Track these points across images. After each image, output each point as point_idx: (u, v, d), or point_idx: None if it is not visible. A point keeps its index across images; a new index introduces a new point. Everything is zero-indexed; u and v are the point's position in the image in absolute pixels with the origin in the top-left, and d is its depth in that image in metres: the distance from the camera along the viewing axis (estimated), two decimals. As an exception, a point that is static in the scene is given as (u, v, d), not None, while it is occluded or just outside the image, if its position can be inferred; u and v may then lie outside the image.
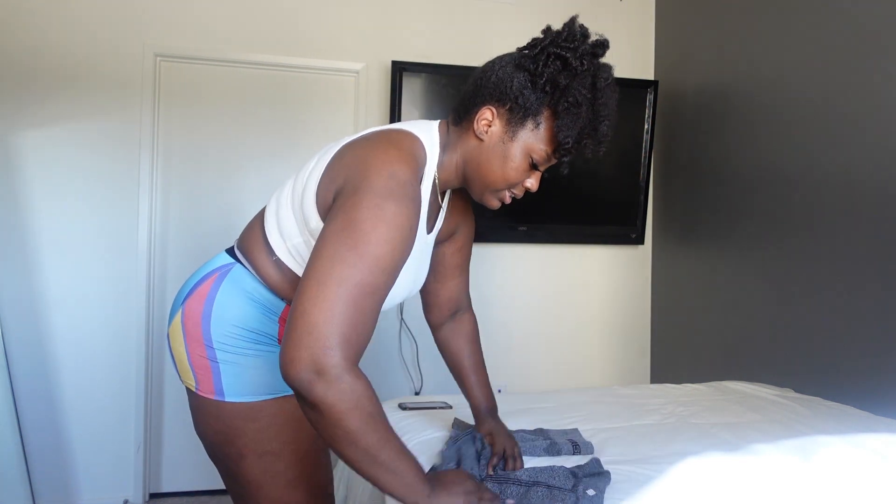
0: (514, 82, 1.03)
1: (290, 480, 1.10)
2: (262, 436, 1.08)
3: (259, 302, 1.11)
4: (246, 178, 2.88)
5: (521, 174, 1.07)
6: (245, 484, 1.11)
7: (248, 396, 1.08)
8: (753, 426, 1.65)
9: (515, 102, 1.03)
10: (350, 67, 2.93)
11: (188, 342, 1.11)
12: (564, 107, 1.01)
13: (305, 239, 1.07)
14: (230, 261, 1.15)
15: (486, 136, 1.07)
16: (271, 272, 1.11)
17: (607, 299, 3.28)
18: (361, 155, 1.00)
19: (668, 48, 3.22)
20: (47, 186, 2.63)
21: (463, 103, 1.10)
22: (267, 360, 1.10)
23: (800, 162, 2.33)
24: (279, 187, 1.16)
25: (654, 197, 3.26)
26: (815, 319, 2.25)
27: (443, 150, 1.12)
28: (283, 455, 1.09)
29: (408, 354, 2.99)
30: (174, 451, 2.81)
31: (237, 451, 1.09)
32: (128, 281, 2.70)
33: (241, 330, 1.09)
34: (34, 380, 2.59)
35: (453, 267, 1.35)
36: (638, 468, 1.28)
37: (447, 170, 1.12)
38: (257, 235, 1.14)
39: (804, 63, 2.33)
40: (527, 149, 1.05)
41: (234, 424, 1.08)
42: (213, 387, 1.09)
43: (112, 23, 2.68)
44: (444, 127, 1.14)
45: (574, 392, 2.04)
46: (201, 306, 1.11)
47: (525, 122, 1.04)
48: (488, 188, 1.10)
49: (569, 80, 1.01)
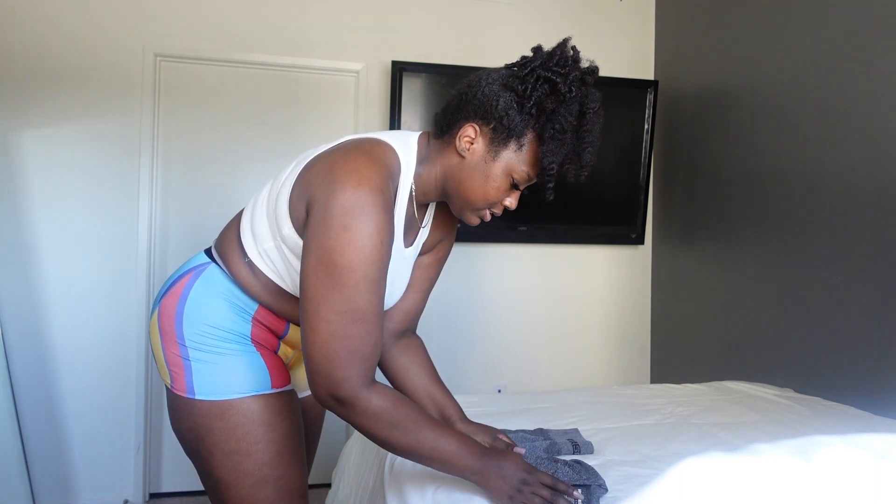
0: (500, 101, 1.02)
1: (258, 480, 1.10)
2: (230, 434, 1.09)
3: (232, 302, 1.13)
4: (246, 178, 2.88)
5: (502, 193, 1.08)
6: (215, 482, 1.11)
7: (217, 395, 1.09)
8: (753, 426, 1.64)
9: (500, 122, 1.02)
10: (350, 67, 2.93)
11: (164, 340, 1.13)
12: (550, 133, 1.00)
13: (277, 244, 1.08)
14: (206, 260, 1.17)
15: (467, 154, 1.06)
16: (244, 273, 1.12)
17: (607, 299, 3.28)
18: (328, 165, 1.00)
19: (668, 48, 3.22)
20: (47, 186, 2.63)
21: (445, 116, 1.09)
22: (238, 360, 1.11)
23: (800, 162, 2.33)
24: (258, 190, 1.17)
25: (654, 197, 3.26)
26: (815, 319, 2.25)
27: (420, 162, 1.11)
28: (251, 454, 1.09)
29: (408, 354, 2.99)
30: (174, 451, 2.80)
31: (207, 449, 1.10)
32: (128, 281, 2.70)
33: (212, 329, 1.11)
34: (34, 380, 2.60)
35: (421, 279, 1.30)
36: (638, 468, 1.28)
37: (426, 182, 1.11)
38: (233, 236, 1.15)
39: (804, 63, 2.33)
40: (508, 169, 1.05)
41: (204, 423, 1.09)
42: (185, 384, 1.10)
43: (112, 23, 2.68)
44: (425, 139, 1.13)
45: (574, 392, 2.04)
46: (175, 305, 1.12)
47: (508, 142, 1.03)
48: (467, 206, 1.10)
49: (556, 106, 1.00)
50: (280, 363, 1.17)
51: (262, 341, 1.16)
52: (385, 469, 1.32)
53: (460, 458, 0.99)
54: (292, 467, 1.14)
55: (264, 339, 1.17)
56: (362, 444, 1.64)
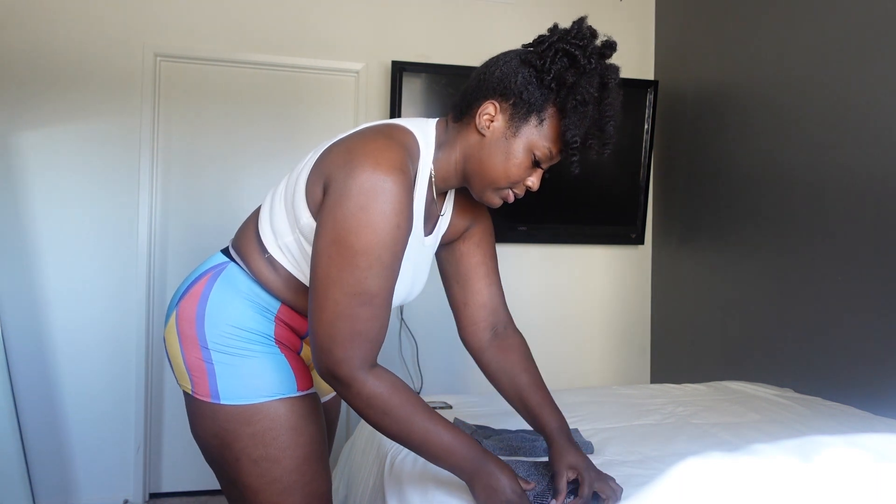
0: (519, 77, 1.01)
1: (286, 487, 1.07)
2: (257, 440, 1.05)
3: (254, 301, 1.09)
4: (246, 177, 2.88)
5: (524, 171, 1.05)
6: (242, 489, 1.08)
7: (243, 399, 1.05)
8: (753, 426, 1.64)
9: (519, 97, 1.01)
10: (350, 67, 2.93)
11: (183, 344, 1.09)
12: (572, 105, 0.98)
13: (296, 237, 1.05)
14: (224, 260, 1.14)
15: (487, 132, 1.04)
16: (265, 270, 1.09)
17: (607, 299, 3.28)
18: (347, 147, 1.00)
19: (668, 48, 3.22)
20: (47, 186, 2.63)
21: (464, 98, 1.07)
22: (263, 361, 1.07)
23: (800, 161, 2.33)
24: (274, 185, 1.15)
25: (654, 197, 3.26)
26: (816, 319, 2.25)
27: (439, 146, 1.08)
28: (279, 461, 1.06)
29: (408, 354, 2.99)
30: (174, 451, 2.81)
31: (233, 455, 1.06)
32: (128, 281, 2.70)
33: (236, 330, 1.07)
34: (34, 380, 2.59)
35: (474, 266, 1.25)
36: (638, 468, 1.28)
37: (445, 167, 1.09)
38: (251, 234, 1.13)
39: (804, 63, 2.33)
40: (530, 145, 1.03)
41: (230, 428, 1.05)
42: (208, 389, 1.06)
43: (112, 23, 2.68)
44: (443, 124, 1.11)
45: (574, 392, 2.04)
46: (195, 307, 1.09)
47: (529, 117, 1.01)
48: (489, 185, 1.06)
49: (576, 78, 0.98)
50: (303, 365, 1.14)
51: (285, 342, 1.13)
52: (385, 469, 1.31)
53: (451, 454, 0.99)
54: (319, 473, 1.11)
55: (287, 340, 1.13)
56: (362, 445, 1.64)
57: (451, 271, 1.27)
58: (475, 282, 1.26)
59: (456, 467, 1.00)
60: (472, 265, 1.25)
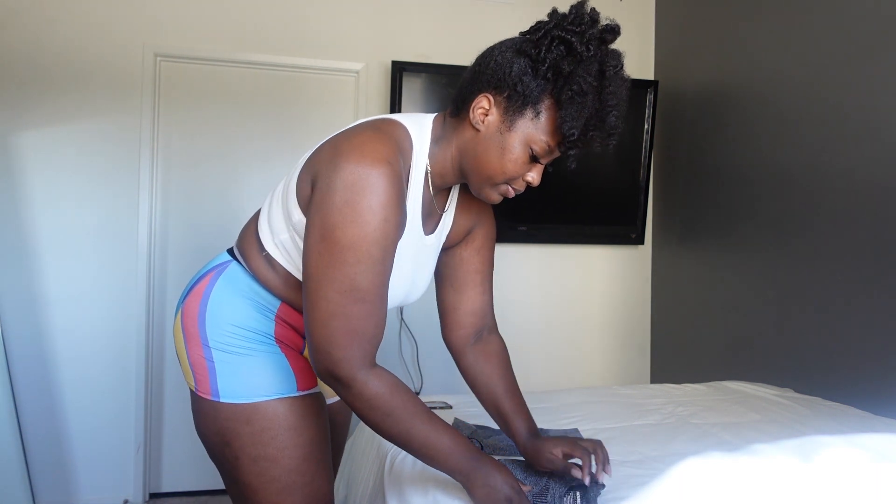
0: (514, 68, 0.96)
1: (285, 487, 1.06)
2: (256, 439, 1.05)
3: (254, 300, 1.09)
4: (246, 178, 2.88)
5: (521, 167, 1.00)
6: (241, 487, 1.08)
7: (243, 398, 1.05)
8: (753, 426, 1.64)
9: (514, 89, 0.96)
10: (350, 67, 2.93)
11: (187, 342, 1.09)
12: (568, 96, 0.93)
13: (290, 235, 1.05)
14: (228, 259, 1.14)
15: (482, 126, 1.00)
16: (263, 268, 1.09)
17: (607, 299, 3.28)
18: (334, 142, 0.99)
19: (668, 48, 3.22)
20: (47, 186, 2.62)
21: (460, 93, 1.03)
22: (262, 360, 1.07)
23: (800, 162, 2.33)
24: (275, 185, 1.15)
25: (654, 197, 3.26)
26: (815, 319, 2.25)
27: (436, 141, 1.05)
28: (278, 460, 1.05)
29: (408, 354, 2.99)
30: (174, 451, 2.80)
31: (233, 454, 1.06)
32: (128, 281, 2.70)
33: (236, 328, 1.07)
34: (34, 380, 2.59)
35: (472, 272, 1.24)
36: (637, 468, 1.28)
37: (441, 163, 1.06)
38: (251, 232, 1.13)
39: (804, 63, 2.33)
40: (526, 139, 0.98)
41: (230, 426, 1.05)
42: (209, 387, 1.06)
43: (112, 23, 2.68)
44: (441, 119, 1.08)
45: (574, 392, 2.04)
46: (197, 305, 1.09)
47: (524, 110, 0.97)
48: (486, 182, 1.03)
49: (573, 67, 0.93)
50: (306, 364, 1.13)
51: (286, 340, 1.12)
52: (385, 469, 1.31)
53: (450, 457, 0.98)
54: (319, 473, 1.10)
55: (289, 339, 1.13)
56: (362, 445, 1.64)
57: (448, 274, 1.25)
58: (470, 289, 1.25)
59: (454, 469, 0.99)
60: (469, 272, 1.24)
